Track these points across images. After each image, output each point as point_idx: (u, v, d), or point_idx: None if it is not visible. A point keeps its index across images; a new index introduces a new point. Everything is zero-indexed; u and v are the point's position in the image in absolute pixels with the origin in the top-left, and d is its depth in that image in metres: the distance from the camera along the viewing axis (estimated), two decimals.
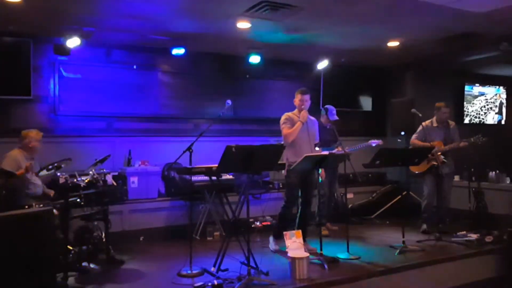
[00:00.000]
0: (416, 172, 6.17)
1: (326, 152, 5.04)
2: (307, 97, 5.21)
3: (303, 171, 4.99)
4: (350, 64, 7.92)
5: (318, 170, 4.88)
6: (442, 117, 6.15)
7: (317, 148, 5.68)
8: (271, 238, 5.39)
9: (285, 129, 5.14)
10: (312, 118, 5.38)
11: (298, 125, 5.09)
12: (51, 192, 4.93)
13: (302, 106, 5.18)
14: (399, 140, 7.69)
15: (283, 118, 5.23)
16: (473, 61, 7.55)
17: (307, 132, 5.14)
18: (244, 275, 4.03)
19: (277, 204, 5.40)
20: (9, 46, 5.78)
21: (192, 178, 5.20)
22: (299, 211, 5.31)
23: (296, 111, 5.29)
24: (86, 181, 4.72)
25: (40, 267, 3.50)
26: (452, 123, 6.27)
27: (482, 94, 9.27)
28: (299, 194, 5.26)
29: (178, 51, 6.45)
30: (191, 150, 4.39)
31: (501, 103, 9.55)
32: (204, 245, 5.60)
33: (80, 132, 6.39)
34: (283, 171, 5.25)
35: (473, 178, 6.60)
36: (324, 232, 5.86)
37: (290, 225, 5.16)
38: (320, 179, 5.20)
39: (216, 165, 4.03)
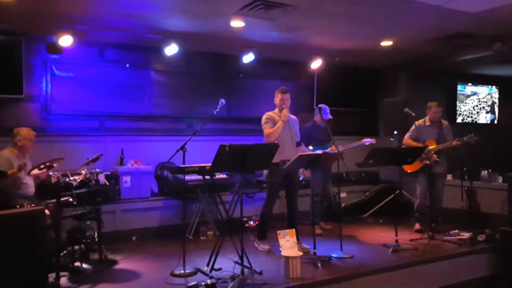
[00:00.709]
0: (409, 171, 6.19)
1: (320, 151, 5.05)
2: (287, 96, 5.24)
3: (287, 171, 4.99)
4: (344, 64, 7.92)
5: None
6: (434, 116, 6.17)
7: (310, 147, 5.69)
8: (256, 242, 5.36)
9: (267, 129, 5.15)
10: (293, 116, 5.38)
11: (280, 124, 5.09)
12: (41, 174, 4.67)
13: (283, 105, 5.19)
14: (392, 139, 7.71)
15: (264, 118, 5.23)
16: (466, 61, 7.57)
17: (289, 130, 5.15)
18: (238, 274, 4.02)
19: None
20: (1, 45, 5.73)
21: (185, 177, 5.19)
22: (287, 211, 5.32)
23: (276, 110, 5.31)
24: (79, 180, 4.68)
25: (32, 267, 3.47)
26: (445, 122, 6.29)
27: (474, 93, 9.33)
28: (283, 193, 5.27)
29: (171, 49, 6.41)
30: (184, 150, 4.37)
31: (493, 103, 9.61)
32: (197, 245, 5.59)
33: (72, 131, 6.35)
34: (264, 171, 5.25)
35: (466, 177, 6.62)
36: (318, 231, 5.88)
37: (271, 224, 5.23)
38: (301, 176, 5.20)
39: (210, 164, 4.02)
